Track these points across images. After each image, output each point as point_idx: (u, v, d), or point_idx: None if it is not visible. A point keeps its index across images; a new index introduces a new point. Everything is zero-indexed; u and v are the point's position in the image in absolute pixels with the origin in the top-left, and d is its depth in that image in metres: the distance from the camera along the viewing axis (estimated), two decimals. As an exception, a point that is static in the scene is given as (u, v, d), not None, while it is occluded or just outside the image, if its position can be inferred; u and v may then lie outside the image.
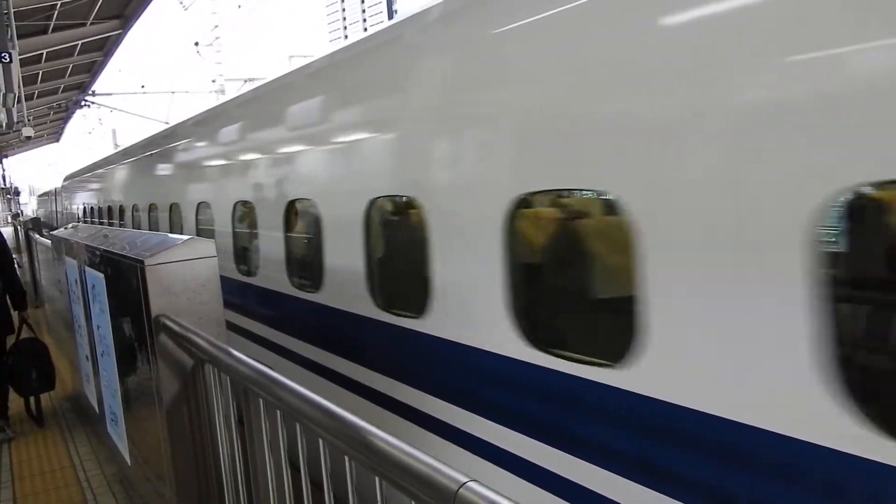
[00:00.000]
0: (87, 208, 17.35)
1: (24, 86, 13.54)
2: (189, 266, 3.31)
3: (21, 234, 18.26)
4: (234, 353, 2.63)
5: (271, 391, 2.27)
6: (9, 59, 11.22)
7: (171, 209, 8.85)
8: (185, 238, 3.47)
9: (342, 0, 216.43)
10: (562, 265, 3.35)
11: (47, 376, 6.56)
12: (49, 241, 8.12)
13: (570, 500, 2.90)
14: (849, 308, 2.07)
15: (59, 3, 15.77)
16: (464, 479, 1.34)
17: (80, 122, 40.87)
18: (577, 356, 2.87)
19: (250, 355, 2.58)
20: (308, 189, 5.10)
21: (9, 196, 53.07)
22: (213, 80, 37.52)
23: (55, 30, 17.82)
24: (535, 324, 3.13)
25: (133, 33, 20.47)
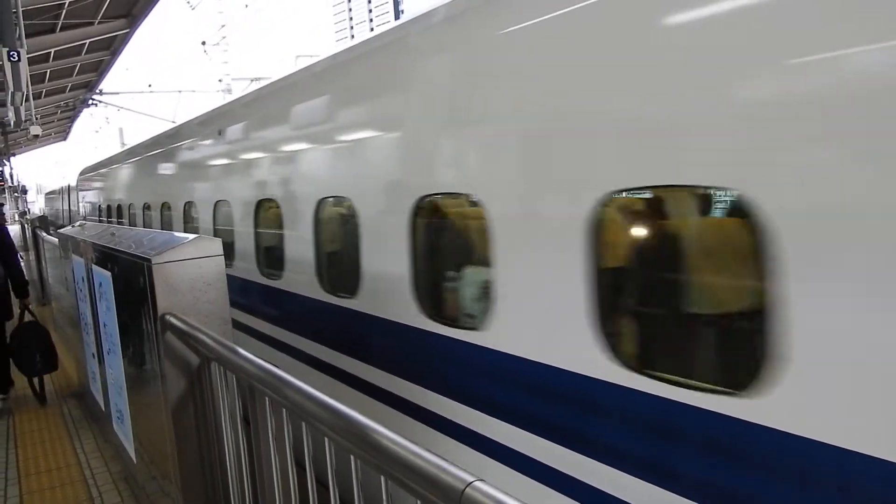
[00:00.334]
0: (106, 206, 15.08)
1: (31, 84, 13.57)
2: (196, 265, 3.32)
3: (28, 232, 18.35)
4: (241, 351, 2.64)
5: (277, 389, 2.27)
6: (17, 58, 11.27)
7: (215, 208, 7.20)
8: (191, 237, 3.48)
9: (349, 0, 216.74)
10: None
11: (50, 358, 6.93)
12: (56, 240, 8.14)
13: None
14: None
15: (66, 2, 15.83)
16: (470, 478, 1.33)
17: (87, 120, 41.10)
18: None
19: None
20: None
21: (16, 194, 53.30)
22: (219, 80, 37.56)
23: (63, 28, 17.88)
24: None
25: (140, 32, 20.64)
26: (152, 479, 4.00)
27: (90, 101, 30.80)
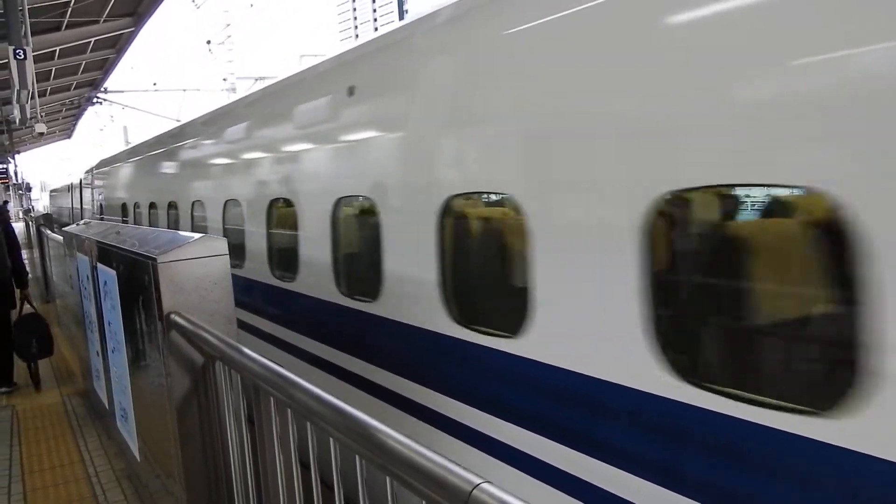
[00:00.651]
0: (121, 204, 13.30)
1: (37, 82, 13.60)
2: (201, 264, 3.32)
3: (32, 230, 18.39)
4: (245, 350, 2.63)
5: (282, 389, 2.26)
6: (23, 56, 11.31)
7: (270, 208, 5.93)
8: (197, 236, 3.48)
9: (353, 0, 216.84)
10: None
11: (47, 345, 7.57)
12: (60, 238, 8.16)
13: None
14: None
15: (72, 0, 15.87)
16: (477, 480, 1.32)
17: (91, 118, 41.15)
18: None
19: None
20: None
21: (20, 191, 53.44)
22: (223, 79, 37.64)
23: (68, 27, 17.94)
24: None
25: (145, 31, 20.64)
26: (156, 477, 4.00)
27: (95, 100, 30.88)
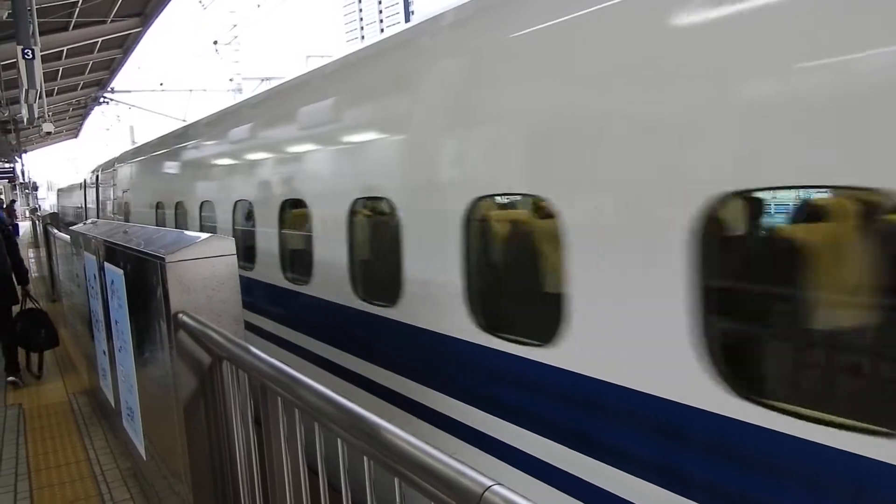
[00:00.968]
0: (146, 204, 11.42)
1: (44, 82, 13.65)
2: (209, 263, 3.32)
3: (39, 229, 18.45)
4: (253, 349, 2.63)
5: (290, 389, 2.25)
6: (31, 56, 11.35)
7: (353, 210, 4.80)
8: (204, 236, 3.48)
9: (359, 0, 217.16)
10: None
11: (52, 336, 8.08)
12: (67, 237, 8.20)
13: None
14: None
15: (80, 0, 15.92)
16: (489, 482, 1.31)
17: (98, 118, 41.34)
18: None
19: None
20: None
21: (27, 191, 53.63)
22: (230, 79, 37.74)
23: (76, 27, 18.01)
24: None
25: (152, 31, 20.71)
26: (162, 477, 4.00)
27: (102, 99, 31.00)
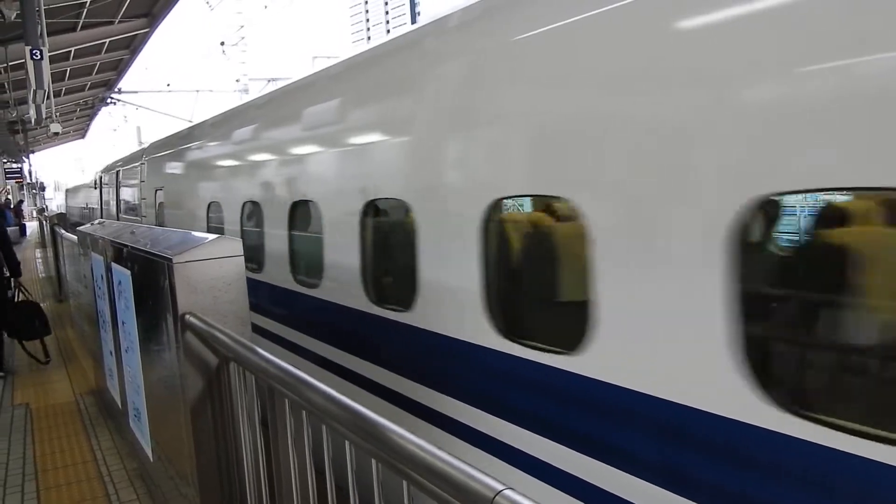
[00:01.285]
0: (186, 206, 9.42)
1: (52, 82, 13.70)
2: (217, 264, 3.31)
3: (46, 229, 18.51)
4: (260, 351, 2.62)
5: (297, 391, 2.24)
6: (39, 56, 11.40)
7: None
8: (212, 236, 3.48)
9: (366, 1, 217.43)
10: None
11: (45, 324, 8.53)
12: (74, 237, 8.22)
13: None
14: None
15: (88, 1, 15.98)
16: (500, 486, 1.29)
17: (105, 119, 41.44)
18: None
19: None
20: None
21: (34, 191, 53.90)
22: (237, 80, 37.87)
23: (84, 27, 18.08)
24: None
25: (160, 32, 20.78)
26: (169, 478, 4.00)
27: (109, 100, 31.12)
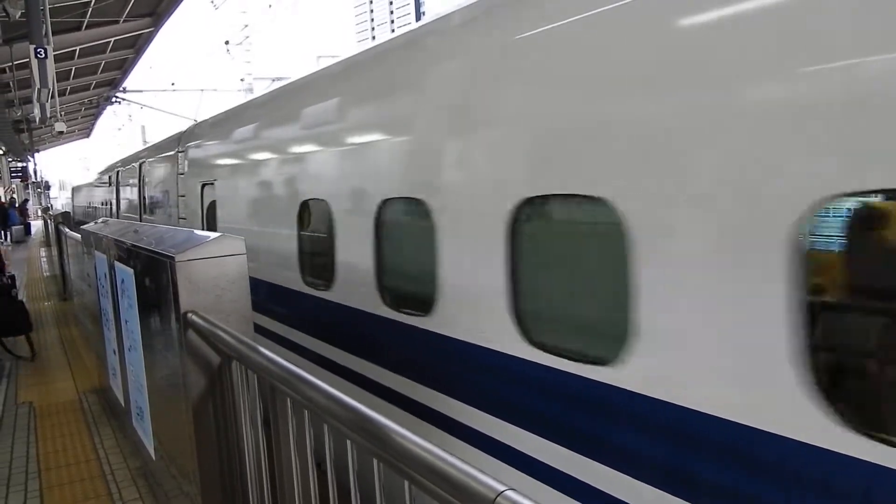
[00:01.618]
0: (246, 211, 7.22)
1: (57, 81, 13.73)
2: (219, 263, 3.30)
3: (51, 228, 18.58)
4: (262, 350, 2.61)
5: (299, 390, 2.24)
6: (44, 55, 11.42)
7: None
8: (214, 235, 3.47)
9: (370, 1, 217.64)
10: None
11: (27, 320, 8.97)
12: (78, 236, 8.24)
13: None
14: None
15: (93, 0, 16.01)
16: (501, 487, 1.29)
17: (110, 118, 41.58)
18: None
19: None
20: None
21: (39, 190, 54.07)
22: (241, 79, 37.93)
23: (89, 27, 18.12)
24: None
25: (164, 31, 20.81)
26: (171, 476, 3.99)
27: (114, 99, 31.19)
